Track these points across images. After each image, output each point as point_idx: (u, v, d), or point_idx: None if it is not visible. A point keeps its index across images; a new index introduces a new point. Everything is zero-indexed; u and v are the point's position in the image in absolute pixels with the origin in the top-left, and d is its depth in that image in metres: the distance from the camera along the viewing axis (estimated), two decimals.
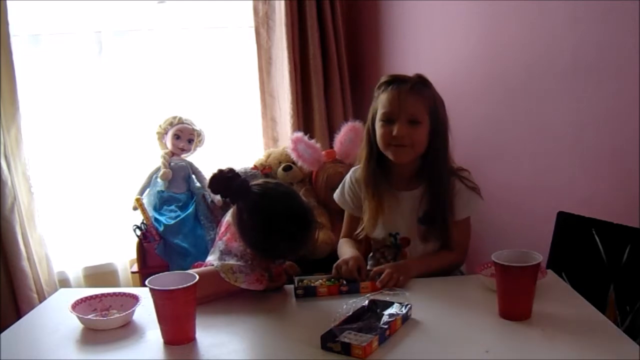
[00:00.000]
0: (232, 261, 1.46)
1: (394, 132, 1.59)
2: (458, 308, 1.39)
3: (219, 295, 1.45)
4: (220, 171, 1.41)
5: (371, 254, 1.85)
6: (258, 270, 1.45)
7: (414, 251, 1.72)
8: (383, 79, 1.66)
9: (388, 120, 1.61)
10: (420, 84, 1.63)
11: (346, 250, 1.72)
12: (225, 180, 1.40)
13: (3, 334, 1.31)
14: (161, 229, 2.61)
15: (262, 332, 1.32)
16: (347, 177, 1.81)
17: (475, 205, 1.69)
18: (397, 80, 1.63)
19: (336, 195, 1.84)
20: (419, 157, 1.66)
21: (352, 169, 1.81)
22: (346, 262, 1.56)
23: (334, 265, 1.58)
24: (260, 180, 1.48)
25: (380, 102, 1.64)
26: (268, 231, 1.39)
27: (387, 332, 1.22)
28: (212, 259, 1.52)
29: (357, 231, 1.79)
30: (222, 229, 1.59)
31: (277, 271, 1.51)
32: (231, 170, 1.41)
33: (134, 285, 2.77)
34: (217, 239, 1.61)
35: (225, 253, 1.50)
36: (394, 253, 1.76)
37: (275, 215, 1.40)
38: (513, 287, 1.28)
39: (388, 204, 1.69)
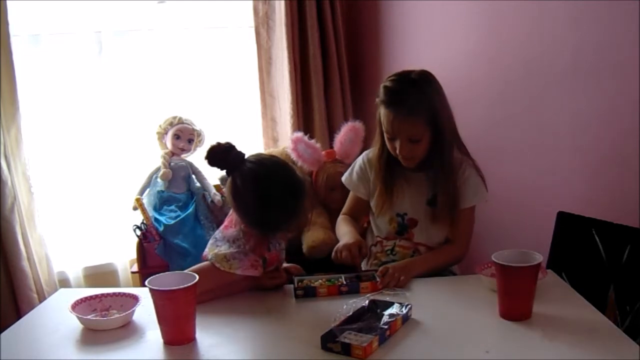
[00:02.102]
0: (224, 247, 1.47)
1: (397, 150, 1.64)
2: (458, 308, 1.39)
3: (220, 290, 1.46)
4: (218, 144, 1.45)
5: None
6: (251, 255, 1.46)
7: (420, 233, 1.74)
8: (380, 94, 1.64)
9: (390, 137, 1.65)
10: (415, 100, 1.59)
11: (344, 229, 1.75)
12: (222, 153, 1.44)
13: (3, 334, 1.31)
14: (161, 229, 2.61)
15: (262, 332, 1.32)
16: (359, 159, 1.85)
17: (482, 194, 1.72)
18: (392, 102, 1.61)
19: (345, 177, 1.88)
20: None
21: (365, 152, 1.85)
22: (347, 247, 1.59)
23: (335, 248, 1.61)
24: (255, 153, 1.51)
25: (381, 115, 1.66)
26: (263, 199, 1.41)
27: (387, 333, 1.22)
28: (207, 250, 1.54)
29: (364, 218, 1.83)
30: (225, 223, 1.60)
31: (271, 258, 1.52)
32: (228, 143, 1.45)
33: (134, 285, 2.76)
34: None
35: (219, 240, 1.52)
36: (392, 245, 1.76)
37: (270, 184, 1.43)
38: (513, 287, 1.28)
39: (398, 185, 1.73)
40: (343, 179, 1.88)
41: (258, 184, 1.43)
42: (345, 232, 1.73)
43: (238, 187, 1.43)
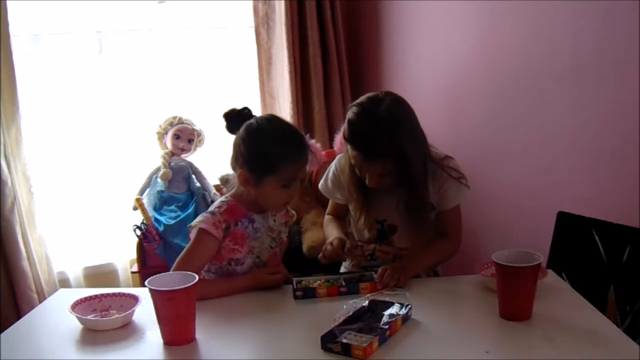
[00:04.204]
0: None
1: (366, 182, 1.61)
2: (458, 308, 1.40)
3: (221, 284, 1.53)
4: (234, 109, 1.55)
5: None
6: (218, 216, 1.51)
7: (400, 238, 1.73)
8: (345, 129, 1.58)
9: (358, 170, 1.62)
10: (383, 143, 1.52)
11: (331, 231, 1.76)
12: (240, 110, 1.55)
13: (3, 334, 1.31)
14: (161, 229, 2.61)
15: (262, 332, 1.32)
16: (332, 165, 1.82)
17: (463, 194, 1.69)
18: (359, 145, 1.56)
19: (321, 184, 1.86)
20: None
21: (337, 157, 1.81)
22: (330, 242, 1.61)
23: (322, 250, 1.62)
24: None
25: (348, 149, 1.62)
26: (274, 134, 1.49)
27: (387, 333, 1.22)
28: None
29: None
30: None
31: (234, 232, 1.52)
32: (245, 107, 1.55)
33: (134, 285, 2.77)
34: None
35: None
36: (372, 249, 1.76)
37: (283, 124, 1.55)
38: (513, 287, 1.28)
39: (373, 197, 1.70)
40: (321, 188, 1.86)
41: (272, 120, 1.53)
42: (330, 233, 1.74)
43: (252, 123, 1.51)
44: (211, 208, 1.55)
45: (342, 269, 1.85)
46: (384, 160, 1.55)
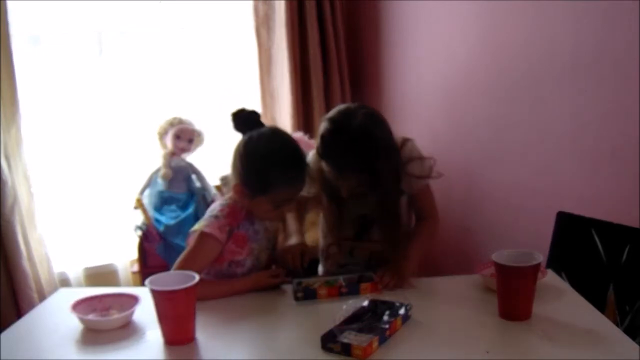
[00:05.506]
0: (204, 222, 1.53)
1: (342, 193, 1.59)
2: (458, 308, 1.39)
3: (221, 286, 1.51)
4: (243, 109, 1.53)
5: (321, 252, 1.84)
6: (222, 220, 1.50)
7: (377, 231, 1.70)
8: (318, 141, 1.54)
9: (333, 181, 1.59)
10: (353, 160, 1.49)
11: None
12: (249, 113, 1.52)
13: (3, 334, 1.31)
14: (161, 229, 2.61)
15: (262, 332, 1.32)
16: None
17: (428, 165, 1.62)
18: (330, 161, 1.53)
19: None
20: None
21: (309, 154, 1.73)
22: (290, 250, 1.60)
23: (278, 253, 1.62)
24: None
25: (321, 163, 1.58)
26: (271, 154, 1.47)
27: (387, 333, 1.22)
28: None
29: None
30: None
31: (237, 235, 1.52)
32: (254, 111, 1.54)
33: (135, 285, 2.77)
34: None
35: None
36: (349, 246, 1.73)
37: (282, 142, 1.52)
38: (513, 287, 1.28)
39: (348, 203, 1.67)
40: None
41: (272, 138, 1.51)
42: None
43: (252, 139, 1.49)
44: (213, 212, 1.53)
45: (320, 269, 1.84)
46: (358, 176, 1.54)
